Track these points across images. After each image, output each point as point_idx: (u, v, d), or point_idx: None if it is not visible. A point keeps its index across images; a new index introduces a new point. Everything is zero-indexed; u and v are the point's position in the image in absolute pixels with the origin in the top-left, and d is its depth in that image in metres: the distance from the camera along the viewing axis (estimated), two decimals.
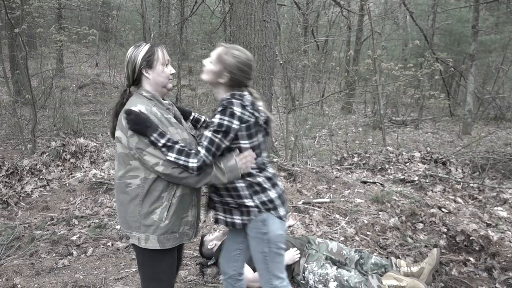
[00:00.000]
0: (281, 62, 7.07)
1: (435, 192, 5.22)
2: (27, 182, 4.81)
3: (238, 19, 6.10)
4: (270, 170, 2.17)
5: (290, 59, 9.03)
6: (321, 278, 2.96)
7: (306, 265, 3.05)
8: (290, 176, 5.06)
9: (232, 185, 2.05)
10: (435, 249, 3.17)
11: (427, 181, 5.50)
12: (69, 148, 5.28)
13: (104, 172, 5.07)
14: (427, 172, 5.73)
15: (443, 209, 4.42)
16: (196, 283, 3.11)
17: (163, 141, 1.87)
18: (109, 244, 3.70)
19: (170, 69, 2.05)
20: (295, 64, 9.87)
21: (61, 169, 5.10)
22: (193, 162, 1.88)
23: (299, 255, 3.12)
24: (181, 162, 1.88)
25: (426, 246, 3.70)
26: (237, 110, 1.94)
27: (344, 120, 12.47)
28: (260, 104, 2.09)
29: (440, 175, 5.68)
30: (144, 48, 1.99)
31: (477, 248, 3.63)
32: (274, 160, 5.48)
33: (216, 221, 2.20)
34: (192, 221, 2.09)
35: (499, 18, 14.47)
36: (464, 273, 3.34)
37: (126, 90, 2.07)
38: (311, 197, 4.70)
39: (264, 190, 2.08)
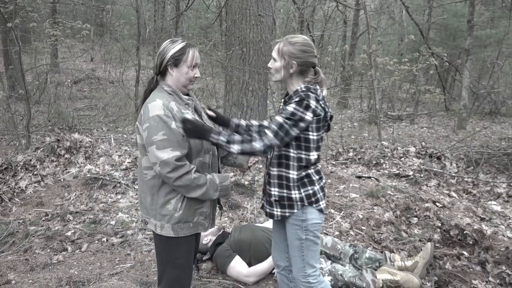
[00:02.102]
0: None
1: (430, 187, 5.24)
2: (21, 178, 4.78)
3: (233, 13, 6.07)
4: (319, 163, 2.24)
5: None
6: None
7: None
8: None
9: (286, 174, 2.12)
10: (429, 243, 3.19)
11: (421, 175, 5.52)
12: (63, 143, 5.26)
13: (99, 167, 5.05)
14: (422, 166, 5.75)
15: (437, 204, 4.44)
16: None
17: (223, 138, 1.97)
18: (104, 239, 3.69)
19: (195, 73, 2.10)
20: None
21: (56, 165, 5.07)
22: (259, 146, 1.95)
23: None
24: (247, 150, 1.97)
25: (420, 240, 3.72)
26: (313, 103, 1.99)
27: (340, 115, 12.48)
28: (325, 93, 2.15)
29: (434, 169, 5.70)
30: (177, 46, 2.05)
31: (470, 242, 3.65)
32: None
33: (262, 207, 2.32)
34: (208, 212, 2.15)
35: (495, 12, 14.48)
36: (458, 267, 3.36)
37: (153, 78, 2.12)
38: None
39: (311, 183, 2.14)
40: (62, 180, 4.81)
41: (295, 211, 2.13)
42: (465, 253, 3.53)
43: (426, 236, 3.80)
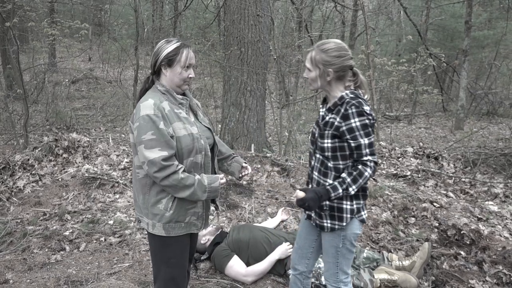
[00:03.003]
0: (275, 57, 7.06)
1: (427, 187, 5.25)
2: (19, 177, 4.78)
3: (232, 13, 6.08)
4: None
5: (284, 54, 9.02)
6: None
7: None
8: (284, 171, 5.07)
9: None
10: (426, 243, 3.20)
11: (419, 176, 5.53)
12: (61, 143, 5.25)
13: (97, 167, 5.05)
14: (419, 167, 5.76)
15: (435, 204, 4.46)
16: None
17: (340, 190, 1.98)
18: (102, 239, 3.69)
19: (189, 73, 2.07)
20: (289, 59, 9.87)
21: (54, 164, 5.07)
22: (369, 172, 1.97)
23: (291, 250, 3.13)
24: (363, 182, 1.99)
25: (417, 240, 3.74)
26: (366, 108, 1.99)
27: None
28: (367, 96, 2.12)
29: (432, 170, 5.71)
30: (172, 46, 2.03)
31: (468, 242, 3.67)
32: (268, 155, 5.49)
33: (309, 217, 2.26)
34: (200, 213, 2.14)
35: (492, 13, 14.53)
36: (455, 267, 3.38)
37: (149, 77, 2.13)
38: None
39: (365, 196, 2.14)
40: (60, 179, 4.80)
41: (344, 224, 2.10)
42: (462, 253, 3.54)
43: (423, 236, 3.81)
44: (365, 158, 1.97)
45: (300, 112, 11.22)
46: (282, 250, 3.11)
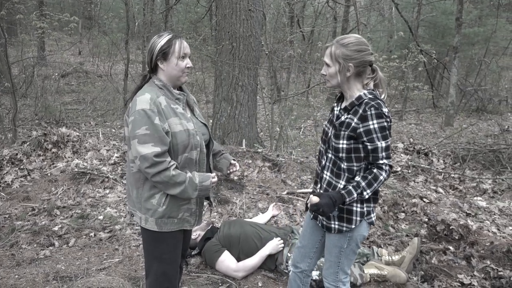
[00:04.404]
0: (267, 52, 7.04)
1: (417, 183, 5.30)
2: (7, 172, 4.72)
3: (224, 8, 6.04)
4: None
5: (276, 49, 9.00)
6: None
7: (289, 255, 3.08)
8: (275, 167, 5.08)
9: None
10: (415, 238, 3.22)
11: (409, 171, 5.57)
12: (50, 137, 5.19)
13: (87, 162, 5.00)
14: (409, 162, 5.81)
15: (424, 199, 4.50)
16: None
17: (354, 194, 1.94)
18: (92, 234, 3.67)
19: (186, 63, 2.06)
20: (280, 55, 9.85)
21: (43, 159, 5.01)
22: (384, 176, 1.95)
23: (282, 245, 3.14)
24: (377, 187, 1.96)
25: (407, 236, 3.77)
26: (385, 109, 1.94)
27: (329, 111, 12.51)
28: (384, 96, 2.07)
29: (422, 165, 5.76)
30: (164, 39, 2.02)
31: (456, 237, 3.71)
32: (259, 150, 5.48)
33: (315, 218, 2.22)
34: (194, 209, 2.14)
35: (483, 11, 14.64)
36: (444, 262, 3.41)
37: (146, 75, 2.12)
38: (295, 187, 4.73)
39: (376, 200, 2.10)
40: (49, 174, 4.75)
41: (353, 226, 2.06)
42: (451, 248, 3.58)
43: (413, 231, 3.84)
44: (380, 162, 1.94)
45: (291, 108, 11.22)
46: (273, 245, 3.12)
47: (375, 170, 1.94)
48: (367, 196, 1.95)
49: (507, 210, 4.48)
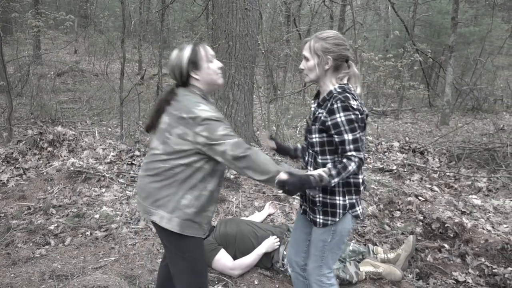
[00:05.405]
0: (263, 51, 7.05)
1: (413, 181, 5.32)
2: (2, 171, 4.70)
3: (220, 7, 6.03)
4: None
5: (272, 48, 9.01)
6: None
7: (285, 253, 3.08)
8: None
9: None
10: (411, 236, 3.24)
11: (405, 170, 5.60)
12: (46, 136, 5.18)
13: (82, 161, 4.99)
14: (405, 161, 5.83)
15: (419, 198, 4.52)
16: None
17: (325, 180, 1.91)
18: (88, 233, 3.66)
19: (216, 64, 2.07)
20: (277, 54, 9.86)
21: (38, 158, 5.00)
22: (352, 167, 1.93)
23: (278, 243, 3.15)
24: (345, 176, 1.94)
25: (402, 233, 3.79)
26: (354, 102, 1.95)
27: None
28: (359, 90, 2.09)
29: (417, 164, 5.78)
30: (187, 50, 2.03)
31: (451, 235, 3.73)
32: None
33: (304, 212, 2.24)
34: (210, 218, 2.14)
35: (478, 10, 14.72)
36: (439, 259, 3.44)
37: (173, 89, 2.09)
38: None
39: (357, 192, 2.11)
40: (44, 173, 4.74)
41: (337, 219, 2.08)
42: (446, 245, 3.60)
43: (408, 229, 3.86)
44: (349, 154, 1.95)
45: (288, 107, 11.24)
46: (269, 243, 3.13)
47: (344, 160, 1.95)
48: (333, 183, 1.93)
49: (502, 208, 4.51)
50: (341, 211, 2.08)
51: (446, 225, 3.81)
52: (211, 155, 1.96)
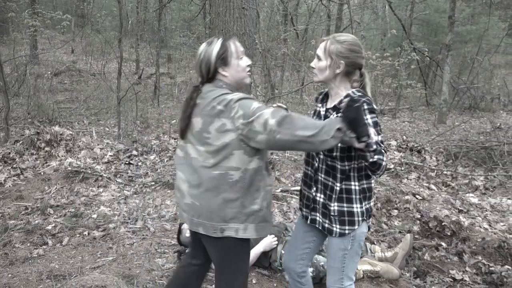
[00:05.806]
0: (261, 50, 7.05)
1: (410, 180, 5.33)
2: (0, 171, 4.69)
3: (217, 6, 6.02)
4: None
5: (270, 48, 9.01)
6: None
7: (283, 252, 3.09)
8: (269, 164, 5.09)
9: (346, 187, 1.99)
10: (408, 234, 3.25)
11: (402, 169, 5.61)
12: (43, 136, 5.17)
13: (80, 160, 4.99)
14: (402, 160, 5.85)
15: (417, 196, 4.53)
16: (174, 270, 3.11)
17: (375, 147, 1.79)
18: (86, 233, 3.66)
19: (245, 61, 1.99)
20: (274, 53, 9.86)
21: (36, 158, 4.99)
22: (383, 165, 1.83)
23: (276, 242, 3.15)
24: (383, 164, 1.83)
25: (400, 232, 3.80)
26: (375, 107, 1.92)
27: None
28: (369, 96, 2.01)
29: (415, 163, 5.80)
30: (217, 45, 1.93)
31: (448, 234, 3.74)
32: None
33: (313, 221, 2.14)
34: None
35: (475, 9, 14.74)
36: (436, 258, 3.45)
37: (197, 87, 1.98)
38: (289, 185, 4.74)
39: (371, 197, 2.05)
40: (42, 173, 4.74)
41: (355, 227, 2.00)
42: (443, 244, 3.62)
43: (405, 228, 3.87)
44: (379, 156, 1.86)
45: (285, 106, 11.21)
46: (267, 242, 3.13)
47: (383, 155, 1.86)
48: (371, 152, 1.78)
49: (499, 207, 4.53)
50: (360, 219, 2.00)
51: (443, 224, 3.82)
52: (253, 137, 1.79)
